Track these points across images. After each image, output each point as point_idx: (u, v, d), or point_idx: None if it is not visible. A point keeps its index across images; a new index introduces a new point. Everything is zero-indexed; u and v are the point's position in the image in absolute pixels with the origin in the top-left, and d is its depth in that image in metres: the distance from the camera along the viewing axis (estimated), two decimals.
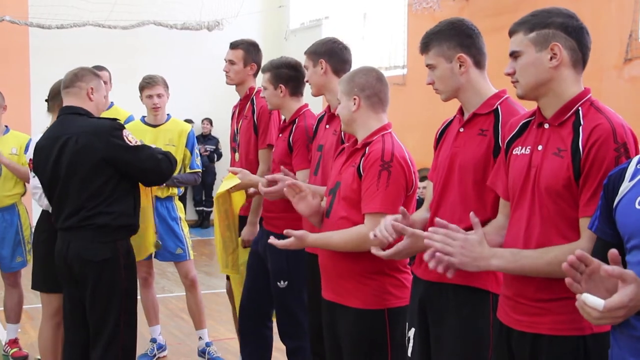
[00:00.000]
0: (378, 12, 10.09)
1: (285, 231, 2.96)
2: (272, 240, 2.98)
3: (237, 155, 4.37)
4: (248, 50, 4.31)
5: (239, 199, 3.89)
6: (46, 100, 4.20)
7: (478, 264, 2.14)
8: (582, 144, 2.07)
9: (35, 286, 4.20)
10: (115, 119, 3.66)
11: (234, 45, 4.36)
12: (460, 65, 2.55)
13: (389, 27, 9.76)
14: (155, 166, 3.62)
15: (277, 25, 11.92)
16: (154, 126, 4.95)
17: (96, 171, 3.48)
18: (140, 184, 3.74)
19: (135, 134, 4.60)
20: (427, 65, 2.61)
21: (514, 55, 2.20)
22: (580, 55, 2.17)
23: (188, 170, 4.96)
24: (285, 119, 3.97)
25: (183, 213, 5.02)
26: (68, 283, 3.64)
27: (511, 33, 2.23)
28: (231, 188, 3.81)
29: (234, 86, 4.40)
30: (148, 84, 4.90)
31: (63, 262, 3.59)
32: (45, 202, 3.97)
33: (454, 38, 2.56)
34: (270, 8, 11.84)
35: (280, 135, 3.93)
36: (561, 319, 2.11)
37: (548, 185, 2.12)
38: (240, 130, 4.33)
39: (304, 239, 2.91)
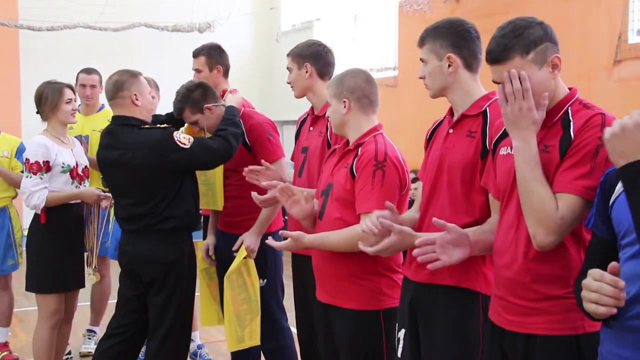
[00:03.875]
0: (369, 13, 10.11)
1: (280, 232, 2.97)
2: (269, 241, 3.00)
3: None
4: (209, 54, 4.32)
5: (252, 264, 3.84)
6: (37, 112, 4.19)
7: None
8: (573, 132, 2.09)
9: (29, 288, 4.17)
10: (165, 127, 3.68)
11: (195, 54, 4.39)
12: (449, 65, 2.56)
13: (380, 29, 9.78)
14: (214, 156, 3.61)
15: (268, 27, 11.92)
16: None
17: (157, 182, 3.56)
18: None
19: None
20: (420, 59, 2.63)
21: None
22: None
23: None
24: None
25: None
26: (127, 277, 3.75)
27: (501, 59, 2.15)
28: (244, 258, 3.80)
29: None
30: None
31: (127, 259, 3.70)
32: (33, 203, 3.99)
33: (447, 37, 2.57)
34: (262, 10, 11.83)
35: None
36: (554, 318, 2.11)
37: None
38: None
39: (301, 239, 2.91)
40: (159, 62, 10.35)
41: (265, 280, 3.86)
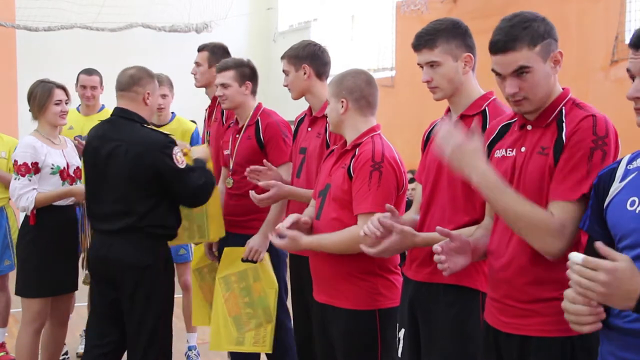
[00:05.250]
0: (366, 14, 10.11)
1: (279, 230, 2.96)
2: (271, 237, 3.00)
3: None
4: (212, 51, 4.35)
5: (268, 269, 3.76)
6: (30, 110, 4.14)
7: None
8: (565, 137, 2.08)
9: (17, 291, 4.12)
10: (167, 134, 3.63)
11: (200, 48, 4.42)
12: (465, 65, 2.56)
13: (377, 29, 9.78)
14: (194, 194, 3.57)
15: (265, 27, 11.91)
16: (158, 126, 4.96)
17: (144, 183, 3.48)
18: None
19: None
20: (427, 63, 2.57)
21: (524, 71, 2.11)
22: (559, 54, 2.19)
23: None
24: (237, 120, 4.00)
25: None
26: (101, 284, 3.63)
27: (508, 48, 2.11)
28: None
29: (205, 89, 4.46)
30: None
31: (100, 264, 3.58)
32: (23, 204, 3.91)
33: (459, 37, 2.57)
34: (259, 10, 11.82)
35: (239, 135, 3.93)
36: (548, 320, 2.11)
37: (534, 184, 2.13)
38: (211, 133, 4.36)
39: (298, 240, 2.91)
40: (156, 62, 10.31)
41: None
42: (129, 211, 3.49)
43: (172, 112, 5.06)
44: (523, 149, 2.19)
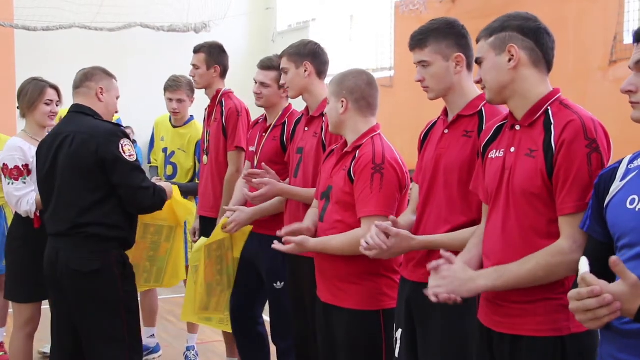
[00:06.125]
0: (365, 14, 10.12)
1: (284, 238, 2.98)
2: (276, 245, 3.00)
3: (205, 158, 4.39)
4: (210, 52, 4.34)
5: (240, 240, 3.85)
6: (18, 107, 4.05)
7: (468, 288, 2.16)
8: (554, 142, 2.08)
9: (8, 295, 4.06)
10: (119, 125, 3.51)
11: (196, 50, 4.40)
12: (456, 65, 2.57)
13: (376, 29, 9.79)
14: (135, 193, 3.37)
15: (264, 27, 11.92)
16: (174, 127, 5.01)
17: (90, 175, 3.33)
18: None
19: (160, 129, 4.67)
20: (420, 62, 2.60)
21: (478, 61, 2.25)
22: (541, 55, 2.18)
23: (197, 180, 4.77)
24: (266, 117, 4.00)
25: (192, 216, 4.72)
26: (55, 291, 3.47)
27: (477, 39, 2.27)
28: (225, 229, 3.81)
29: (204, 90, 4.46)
30: (170, 87, 4.90)
31: (53, 271, 3.41)
32: (25, 208, 3.79)
33: (451, 37, 2.58)
34: (258, 10, 11.83)
35: (265, 134, 3.92)
36: (540, 320, 2.12)
37: (522, 186, 2.13)
38: (210, 133, 4.36)
39: (304, 244, 2.93)
40: (155, 62, 10.34)
41: (282, 283, 3.80)
42: (74, 213, 3.32)
43: (191, 116, 5.08)
44: (512, 150, 2.19)
